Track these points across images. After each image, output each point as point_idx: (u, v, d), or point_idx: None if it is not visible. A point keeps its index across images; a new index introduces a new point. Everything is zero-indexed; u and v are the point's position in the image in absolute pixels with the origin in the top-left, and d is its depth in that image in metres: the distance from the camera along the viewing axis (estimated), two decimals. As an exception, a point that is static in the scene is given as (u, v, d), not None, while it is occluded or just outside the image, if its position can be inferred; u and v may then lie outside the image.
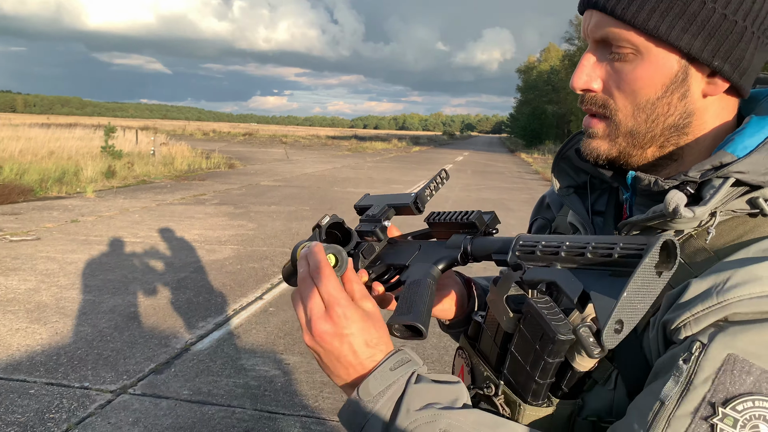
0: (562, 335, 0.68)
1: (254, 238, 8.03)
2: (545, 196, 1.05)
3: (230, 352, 4.14)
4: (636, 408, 0.64)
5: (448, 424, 0.63)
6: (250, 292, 5.56)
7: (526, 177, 20.58)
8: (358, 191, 14.00)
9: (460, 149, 48.50)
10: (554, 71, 65.47)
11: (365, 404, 0.67)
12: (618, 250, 0.58)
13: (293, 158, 25.72)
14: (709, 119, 0.73)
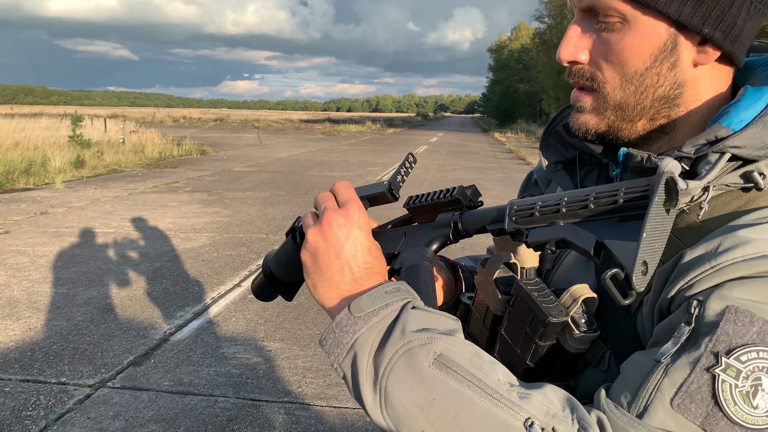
0: (553, 318, 0.67)
1: (229, 224, 7.94)
2: (533, 172, 1.03)
3: (210, 341, 4.09)
4: (630, 363, 0.62)
5: (444, 348, 0.60)
6: (228, 280, 5.50)
7: (500, 156, 20.67)
8: (334, 175, 13.92)
9: (434, 130, 48.52)
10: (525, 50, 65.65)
11: (356, 320, 0.63)
12: (622, 195, 0.57)
13: (266, 143, 25.45)
14: (701, 90, 0.71)
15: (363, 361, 0.61)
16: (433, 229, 0.77)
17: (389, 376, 0.59)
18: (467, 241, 1.99)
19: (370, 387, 0.60)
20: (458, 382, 0.58)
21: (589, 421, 0.57)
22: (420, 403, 0.58)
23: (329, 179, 13.08)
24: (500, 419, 0.56)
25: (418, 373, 0.59)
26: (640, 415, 0.57)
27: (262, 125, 46.09)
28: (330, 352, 0.64)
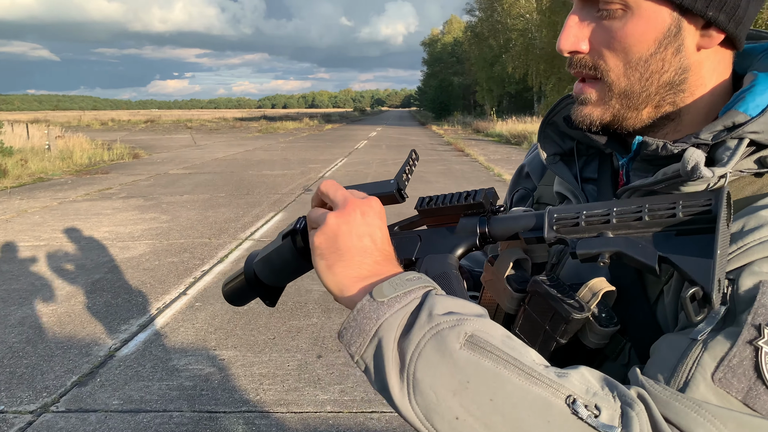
0: (576, 314, 0.65)
1: (169, 230, 7.68)
2: (524, 165, 1.01)
3: (159, 354, 3.93)
4: (665, 342, 0.61)
5: (475, 329, 0.56)
6: (173, 288, 5.31)
7: (439, 149, 20.89)
8: (275, 174, 13.71)
9: (372, 125, 48.58)
10: (458, 43, 66.54)
11: (379, 306, 0.59)
12: (681, 209, 0.56)
13: (201, 143, 24.81)
14: (705, 74, 0.70)
15: (388, 348, 0.57)
16: (455, 235, 0.73)
17: (418, 361, 0.55)
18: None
19: (397, 375, 0.56)
20: (493, 362, 0.54)
21: (631, 397, 0.55)
22: (453, 388, 0.54)
23: (270, 178, 12.87)
24: (541, 398, 0.53)
25: (449, 356, 0.55)
26: (681, 390, 0.56)
27: (196, 125, 44.90)
28: (351, 342, 0.59)
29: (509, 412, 0.53)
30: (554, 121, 0.86)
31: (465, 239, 0.72)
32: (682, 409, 0.54)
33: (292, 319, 4.52)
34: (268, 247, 0.85)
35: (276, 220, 8.26)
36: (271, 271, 0.83)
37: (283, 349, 3.99)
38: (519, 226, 0.68)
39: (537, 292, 0.69)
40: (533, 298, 0.70)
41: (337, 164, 15.83)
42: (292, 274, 0.82)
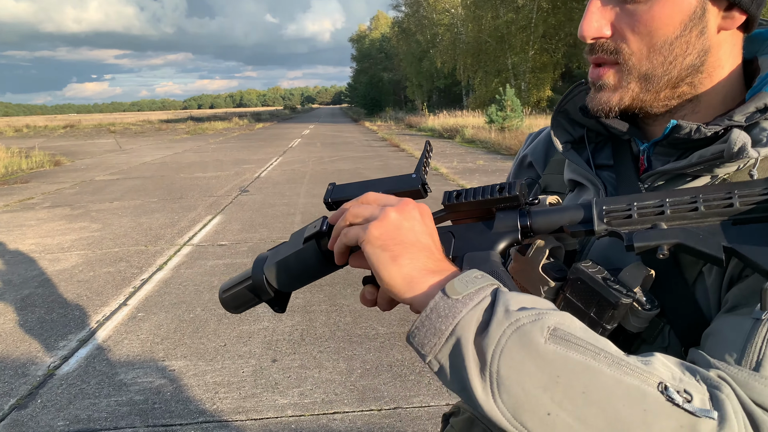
0: (624, 299, 0.65)
1: (102, 239, 7.34)
2: (526, 155, 0.99)
3: (104, 369, 3.75)
4: (726, 325, 0.61)
5: (557, 322, 0.55)
6: (112, 300, 5.07)
7: (374, 145, 20.93)
8: (208, 176, 13.35)
9: (304, 122, 48.12)
10: (386, 39, 66.80)
11: (454, 303, 0.56)
12: (738, 199, 0.56)
13: (126, 147, 23.86)
14: (723, 56, 0.71)
15: (467, 346, 0.54)
16: (494, 231, 0.70)
17: (501, 358, 0.53)
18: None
19: (478, 374, 0.54)
20: (581, 354, 0.53)
21: (715, 380, 0.55)
22: (542, 383, 0.52)
23: (203, 181, 12.52)
24: (633, 387, 0.52)
25: (535, 351, 0.53)
26: (755, 370, 0.56)
27: (119, 129, 43.11)
28: (424, 343, 0.57)
29: (604, 404, 0.51)
30: (565, 109, 0.86)
31: (506, 234, 0.69)
32: (763, 390, 0.55)
33: (242, 324, 4.42)
34: (280, 251, 0.80)
35: (215, 224, 8.04)
36: (288, 276, 0.79)
37: (236, 355, 3.88)
38: (565, 219, 0.67)
39: (580, 279, 0.68)
40: (575, 286, 0.69)
41: (273, 164, 15.58)
42: (310, 279, 0.79)
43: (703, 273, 0.68)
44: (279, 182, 11.96)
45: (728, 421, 0.52)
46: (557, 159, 0.93)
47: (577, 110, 0.84)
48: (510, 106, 20.16)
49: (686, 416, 0.51)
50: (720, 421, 0.52)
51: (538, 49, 34.57)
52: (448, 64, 41.46)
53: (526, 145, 1.02)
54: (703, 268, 0.68)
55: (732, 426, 0.52)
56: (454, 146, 18.82)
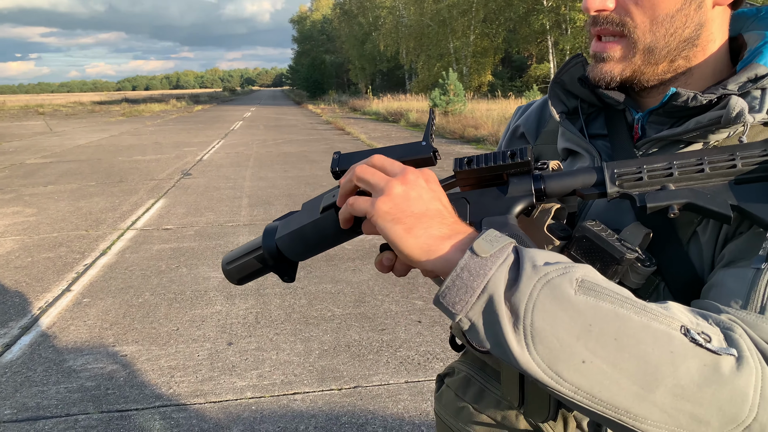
0: (629, 254, 0.69)
1: (38, 224, 7.02)
2: (518, 125, 1.02)
3: (51, 356, 3.62)
4: (728, 276, 0.65)
5: (584, 274, 0.58)
6: (54, 286, 4.88)
7: (319, 128, 20.76)
8: (147, 159, 12.93)
9: (245, 105, 47.14)
10: (327, 20, 66.03)
11: (484, 261, 0.58)
12: (740, 159, 0.61)
13: (58, 130, 22.78)
14: (715, 31, 0.75)
15: (500, 302, 0.57)
16: (509, 195, 0.72)
17: (534, 311, 0.55)
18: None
19: (512, 329, 0.56)
20: (610, 303, 0.56)
21: (727, 322, 0.59)
22: (576, 332, 0.55)
23: (143, 164, 12.13)
24: (660, 331, 0.55)
25: (567, 302, 0.55)
26: (762, 312, 0.61)
27: (48, 110, 41.01)
28: (455, 302, 0.58)
29: (634, 349, 0.55)
30: (562, 80, 0.89)
31: (521, 198, 0.71)
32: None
33: (194, 308, 4.34)
34: (292, 221, 0.81)
35: (158, 207, 7.82)
36: (304, 246, 0.79)
37: (190, 339, 3.82)
38: (578, 182, 0.70)
39: (586, 237, 0.72)
40: (580, 243, 0.73)
41: (215, 146, 15.23)
42: (325, 248, 0.79)
43: (697, 233, 0.73)
44: (223, 165, 11.72)
45: (745, 358, 0.56)
46: (549, 130, 0.96)
47: (573, 81, 0.87)
48: (453, 90, 20.36)
49: (709, 355, 0.55)
50: (738, 357, 0.56)
51: (479, 34, 35.00)
52: (391, 48, 41.42)
53: (516, 117, 1.05)
54: (697, 228, 0.73)
55: (749, 361, 0.56)
56: (399, 130, 18.90)
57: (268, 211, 7.42)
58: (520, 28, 32.99)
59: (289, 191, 8.76)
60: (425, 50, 37.99)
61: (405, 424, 2.86)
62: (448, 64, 35.04)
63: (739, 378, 0.54)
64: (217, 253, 5.66)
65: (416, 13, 37.49)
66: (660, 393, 0.54)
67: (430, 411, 2.96)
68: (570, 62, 0.89)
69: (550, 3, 29.47)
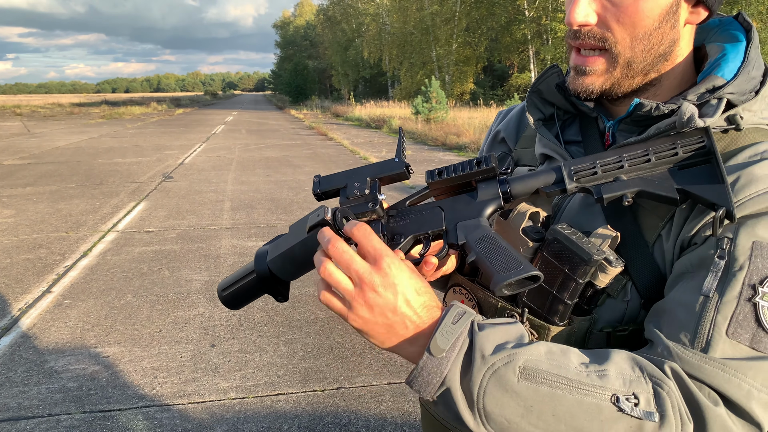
0: (596, 256, 0.74)
1: (17, 226, 6.94)
2: (499, 131, 1.07)
3: (31, 357, 3.60)
4: (679, 305, 0.71)
5: (526, 360, 0.67)
6: (33, 287, 4.84)
7: (302, 133, 20.75)
8: (128, 161, 12.83)
9: (227, 109, 46.90)
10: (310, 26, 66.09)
11: (439, 362, 0.68)
12: (681, 148, 0.69)
13: (36, 131, 22.47)
14: (683, 45, 0.81)
15: (456, 391, 0.68)
16: (479, 200, 0.78)
17: (485, 398, 0.67)
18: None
19: (468, 410, 0.68)
20: (547, 386, 0.66)
21: (659, 376, 0.67)
22: (520, 413, 0.66)
23: (124, 166, 12.03)
24: (592, 405, 0.65)
25: (510, 390, 0.66)
26: (705, 350, 0.67)
27: (26, 111, 40.41)
28: (421, 391, 0.70)
29: (569, 421, 0.65)
30: (539, 89, 0.94)
31: (490, 202, 0.77)
32: (711, 371, 0.66)
33: (177, 310, 4.34)
34: (281, 244, 0.85)
35: (139, 210, 7.78)
36: (294, 266, 0.84)
37: (173, 341, 3.83)
38: (539, 182, 0.76)
39: (557, 239, 0.77)
40: (551, 245, 0.78)
41: (196, 150, 15.16)
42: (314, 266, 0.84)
43: (661, 236, 0.78)
44: (204, 169, 11.67)
45: (667, 417, 0.65)
46: (528, 135, 1.01)
47: (550, 90, 0.93)
48: (435, 98, 20.51)
49: (634, 420, 0.65)
50: (660, 419, 0.65)
51: (462, 43, 35.29)
52: (375, 55, 41.57)
53: (497, 122, 1.11)
54: (662, 232, 0.78)
55: (670, 421, 0.64)
56: (382, 136, 18.97)
57: (250, 215, 7.43)
58: (502, 38, 33.35)
59: (271, 195, 8.76)
60: (408, 58, 38.19)
61: (388, 424, 2.91)
62: (431, 71, 35.27)
63: None
64: (200, 256, 5.65)
65: (399, 20, 37.70)
66: None
67: (413, 412, 3.01)
68: (546, 72, 0.94)
69: (532, 13, 29.86)
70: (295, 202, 8.28)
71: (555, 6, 28.47)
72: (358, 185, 0.82)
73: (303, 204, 8.10)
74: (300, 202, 8.27)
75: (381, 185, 0.82)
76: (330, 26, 51.42)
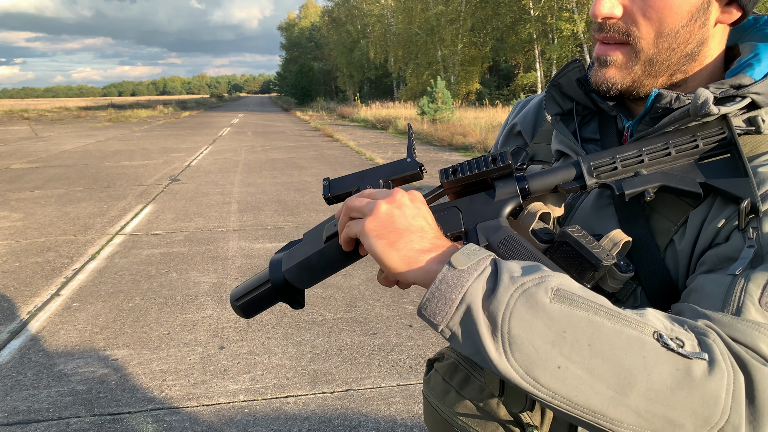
0: (605, 261, 0.71)
1: (26, 229, 6.97)
2: (515, 123, 1.04)
3: (41, 360, 3.60)
4: (707, 281, 0.68)
5: (559, 283, 0.60)
6: (42, 290, 4.85)
7: (308, 135, 20.76)
8: (135, 164, 12.87)
9: (233, 111, 47.00)
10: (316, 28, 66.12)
11: (461, 274, 0.61)
12: (701, 140, 0.67)
13: (44, 135, 22.58)
14: (713, 46, 0.78)
15: (478, 312, 0.59)
16: (497, 199, 0.75)
17: (511, 320, 0.58)
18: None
19: (490, 336, 0.59)
20: (584, 310, 0.58)
21: (702, 327, 0.61)
22: (551, 339, 0.57)
23: (131, 169, 12.07)
24: (633, 336, 0.57)
25: (542, 310, 0.58)
26: (738, 313, 0.63)
27: (33, 116, 40.64)
28: (436, 313, 0.61)
29: (608, 354, 0.57)
30: (559, 83, 0.91)
31: (509, 200, 0.75)
32: (745, 329, 0.61)
33: (185, 312, 4.34)
34: (296, 252, 0.83)
35: (147, 212, 7.79)
36: (311, 274, 0.82)
37: (181, 343, 3.82)
38: (558, 179, 0.74)
39: (566, 242, 0.74)
40: (560, 248, 0.75)
41: (203, 152, 15.19)
42: (331, 273, 0.82)
43: (674, 241, 0.75)
44: (211, 171, 11.69)
45: (717, 362, 0.58)
46: (545, 129, 0.98)
47: (570, 85, 0.90)
48: (441, 98, 20.48)
49: (681, 359, 0.57)
50: (710, 361, 0.58)
51: (467, 43, 35.23)
52: (380, 56, 41.57)
53: (514, 113, 1.07)
54: (674, 237, 0.75)
55: (720, 365, 0.57)
56: (387, 137, 18.95)
57: (257, 217, 7.42)
58: (508, 37, 33.24)
59: (278, 197, 8.76)
60: (413, 58, 38.17)
61: (398, 426, 2.89)
62: (436, 72, 35.24)
63: (711, 381, 0.56)
64: (208, 258, 5.65)
65: (404, 21, 37.69)
66: (634, 397, 0.56)
67: (423, 413, 2.99)
68: (568, 66, 0.91)
69: (537, 12, 29.77)
70: (302, 203, 8.27)
71: (560, 5, 28.37)
72: (370, 188, 0.80)
73: (310, 205, 8.10)
74: (307, 203, 8.26)
75: (394, 186, 0.80)
76: (335, 27, 51.43)
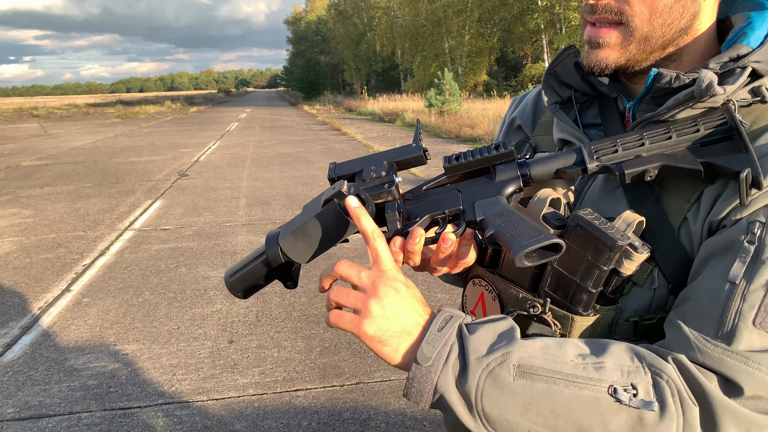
0: (620, 242, 0.71)
1: (36, 225, 7.01)
2: (515, 117, 1.03)
3: (52, 355, 3.62)
4: (704, 292, 0.68)
5: (520, 358, 0.66)
6: (53, 286, 4.88)
7: (315, 129, 20.75)
8: (144, 160, 12.92)
9: (240, 106, 47.07)
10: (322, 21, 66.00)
11: (427, 370, 0.67)
12: (702, 125, 0.68)
13: (53, 132, 22.71)
14: (704, 18, 0.77)
15: (451, 397, 0.66)
16: (497, 181, 0.76)
17: (482, 400, 0.66)
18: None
19: (467, 414, 0.66)
20: (543, 382, 0.65)
21: (659, 365, 0.65)
22: (519, 411, 0.65)
23: (139, 165, 12.11)
24: (589, 398, 0.64)
25: (507, 389, 0.65)
26: (729, 339, 0.64)
27: (43, 113, 40.86)
28: (417, 401, 0.68)
29: (569, 416, 0.64)
30: (555, 71, 0.90)
31: (509, 182, 0.75)
32: (733, 364, 0.63)
33: (194, 307, 4.35)
34: (294, 222, 0.81)
35: (156, 208, 7.82)
36: (307, 244, 0.79)
37: (191, 337, 3.83)
38: (560, 163, 0.73)
39: (579, 225, 0.74)
40: (574, 232, 0.74)
41: (211, 147, 15.22)
42: (328, 244, 0.79)
43: (687, 219, 0.74)
44: (219, 166, 11.71)
45: (667, 406, 0.63)
46: (545, 121, 0.97)
47: (567, 71, 0.89)
48: (448, 90, 20.39)
49: (633, 411, 0.63)
50: (660, 409, 0.63)
51: (474, 34, 35.03)
52: (387, 48, 41.44)
53: (512, 109, 1.06)
54: (687, 215, 0.74)
55: (670, 409, 0.63)
56: (395, 130, 18.91)
57: (266, 211, 7.43)
58: (515, 28, 33.03)
59: (286, 191, 8.76)
60: (420, 50, 38.01)
61: (407, 419, 2.88)
62: (444, 64, 35.09)
63: (662, 426, 0.62)
64: (216, 253, 5.66)
65: (411, 13, 37.51)
66: None
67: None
68: (563, 53, 0.90)
69: (545, 2, 29.55)
70: (310, 197, 8.26)
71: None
72: (374, 168, 0.80)
73: (318, 199, 8.09)
74: (315, 197, 8.27)
75: (398, 169, 0.79)
76: (341, 21, 51.30)
